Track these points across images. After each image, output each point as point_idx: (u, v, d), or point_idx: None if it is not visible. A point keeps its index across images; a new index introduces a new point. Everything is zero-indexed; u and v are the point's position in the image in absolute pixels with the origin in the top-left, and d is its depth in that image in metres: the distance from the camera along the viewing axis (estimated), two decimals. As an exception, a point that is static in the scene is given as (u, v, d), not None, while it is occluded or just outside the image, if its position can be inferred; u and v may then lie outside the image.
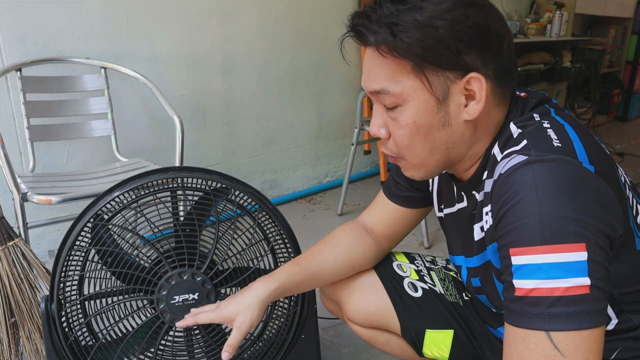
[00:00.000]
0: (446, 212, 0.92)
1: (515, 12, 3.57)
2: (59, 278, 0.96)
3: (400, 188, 0.99)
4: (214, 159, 2.31)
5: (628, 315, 0.74)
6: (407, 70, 0.69)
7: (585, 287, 0.58)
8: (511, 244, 0.62)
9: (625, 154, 3.61)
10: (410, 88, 0.69)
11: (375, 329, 1.04)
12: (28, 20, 1.70)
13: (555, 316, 0.58)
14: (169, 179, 0.99)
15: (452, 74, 0.68)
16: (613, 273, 0.67)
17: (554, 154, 0.63)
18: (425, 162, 0.75)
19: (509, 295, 0.63)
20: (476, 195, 0.79)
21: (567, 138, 0.67)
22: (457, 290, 1.04)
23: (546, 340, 0.59)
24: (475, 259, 0.83)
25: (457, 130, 0.72)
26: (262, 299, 0.88)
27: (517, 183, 0.62)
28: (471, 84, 0.68)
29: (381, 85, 0.71)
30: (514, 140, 0.69)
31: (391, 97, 0.71)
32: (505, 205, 0.63)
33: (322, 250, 0.99)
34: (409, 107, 0.70)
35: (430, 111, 0.70)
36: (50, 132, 1.72)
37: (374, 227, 1.03)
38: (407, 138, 0.72)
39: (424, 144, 0.72)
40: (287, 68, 2.44)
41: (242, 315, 0.87)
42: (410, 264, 1.08)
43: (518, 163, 0.64)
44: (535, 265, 0.59)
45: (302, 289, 0.96)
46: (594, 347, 0.58)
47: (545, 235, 0.59)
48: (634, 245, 0.70)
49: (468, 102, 0.70)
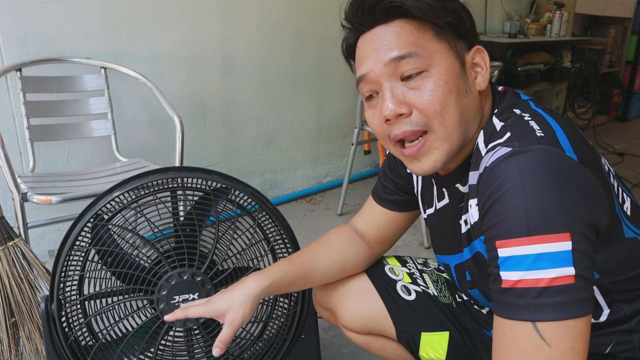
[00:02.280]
0: (428, 213, 0.93)
1: (515, 12, 3.58)
2: (59, 278, 0.96)
3: (388, 192, 0.99)
4: (214, 159, 2.31)
5: (619, 305, 0.74)
6: (428, 36, 0.71)
7: (570, 277, 0.58)
8: (497, 237, 0.62)
9: (625, 154, 3.61)
10: (437, 52, 0.72)
11: (370, 334, 1.03)
12: (28, 20, 1.70)
13: (541, 307, 0.59)
14: (169, 179, 0.99)
15: (464, 44, 0.74)
16: (603, 261, 0.68)
17: (537, 144, 0.63)
18: (453, 132, 0.72)
19: (496, 287, 0.63)
20: (460, 189, 0.79)
21: (549, 128, 0.67)
22: (450, 291, 1.04)
23: (532, 331, 0.59)
24: (465, 253, 0.83)
25: (475, 100, 0.75)
26: (255, 295, 0.87)
27: (502, 175, 0.63)
28: (476, 57, 0.75)
29: (407, 50, 0.70)
30: (498, 133, 0.70)
31: (418, 60, 0.70)
32: (490, 198, 0.64)
33: (315, 249, 0.99)
34: (438, 69, 0.71)
35: (456, 75, 0.72)
36: (50, 132, 1.72)
37: (365, 231, 1.03)
38: (440, 100, 0.70)
39: (456, 108, 0.71)
40: (287, 68, 2.44)
41: (233, 310, 0.85)
42: (402, 267, 1.07)
43: (503, 155, 0.64)
44: (521, 256, 0.60)
45: (294, 287, 0.95)
46: (579, 336, 0.59)
47: (531, 226, 0.59)
48: (621, 233, 0.70)
49: (476, 74, 0.75)
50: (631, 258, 0.72)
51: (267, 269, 0.93)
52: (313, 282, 0.98)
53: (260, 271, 0.92)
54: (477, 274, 0.83)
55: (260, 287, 0.88)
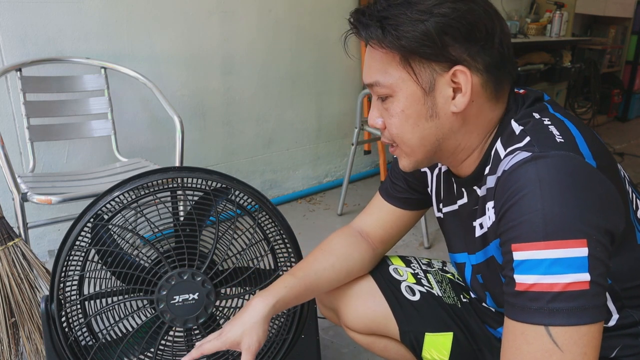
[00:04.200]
0: (446, 211, 0.92)
1: (515, 12, 3.58)
2: (59, 278, 0.96)
3: (398, 190, 0.99)
4: (214, 159, 2.31)
5: (629, 310, 0.74)
6: (396, 62, 0.72)
7: (585, 283, 0.58)
8: (513, 240, 0.63)
9: (625, 154, 3.61)
10: (399, 79, 0.72)
11: (373, 335, 1.03)
12: (28, 20, 1.70)
13: (555, 311, 0.59)
14: (169, 179, 0.99)
15: (438, 66, 0.70)
16: (615, 268, 0.68)
17: (557, 150, 0.63)
18: (415, 151, 0.77)
19: (509, 290, 0.63)
20: (477, 191, 0.79)
21: (569, 134, 0.67)
22: (454, 292, 1.04)
23: (545, 335, 0.59)
24: (478, 255, 0.83)
25: (445, 122, 0.74)
26: (264, 316, 0.87)
27: (521, 179, 0.63)
28: (457, 77, 0.70)
29: (374, 78, 0.74)
30: (517, 137, 0.70)
31: (382, 88, 0.74)
32: (508, 202, 0.64)
33: (318, 259, 0.97)
34: (398, 97, 0.73)
35: (417, 101, 0.72)
36: (50, 132, 1.72)
37: (370, 230, 1.02)
38: (397, 127, 0.75)
39: (413, 133, 0.75)
40: (287, 68, 2.44)
41: (247, 336, 0.85)
42: (407, 267, 1.07)
43: (522, 159, 0.64)
44: (537, 260, 0.60)
45: (301, 299, 0.95)
46: (592, 342, 0.59)
47: (548, 231, 0.59)
48: (635, 240, 0.70)
49: (455, 94, 0.72)
50: None
51: (272, 287, 0.92)
52: (319, 291, 0.97)
53: (265, 290, 0.91)
54: (489, 278, 0.83)
55: (267, 306, 0.87)
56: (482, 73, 0.71)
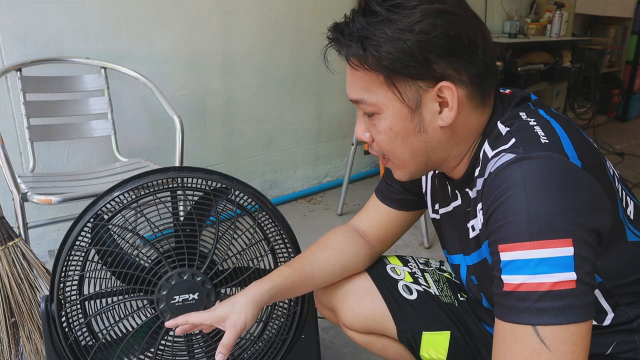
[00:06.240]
0: (442, 212, 0.93)
1: (515, 12, 3.58)
2: (59, 278, 0.96)
3: (393, 191, 0.99)
4: (214, 159, 2.31)
5: (623, 308, 0.74)
6: (380, 81, 0.71)
7: (572, 282, 0.59)
8: (500, 241, 0.63)
9: (625, 154, 3.61)
10: (384, 98, 0.72)
11: (371, 334, 1.03)
12: (28, 20, 1.70)
13: (542, 311, 0.59)
14: (169, 179, 0.99)
15: (423, 83, 0.70)
16: (606, 265, 0.68)
17: (542, 151, 0.64)
18: (406, 164, 0.78)
19: (498, 290, 0.64)
20: (469, 193, 0.80)
21: (554, 134, 0.67)
22: (451, 291, 1.04)
23: (533, 335, 0.60)
24: (473, 257, 0.84)
25: (433, 136, 0.74)
26: (255, 299, 0.87)
27: (506, 181, 0.64)
28: (443, 92, 0.70)
29: (359, 96, 0.75)
30: (503, 139, 0.70)
31: (368, 106, 0.74)
32: (494, 203, 0.65)
33: (314, 252, 0.99)
34: (385, 115, 0.73)
35: (404, 119, 0.73)
36: (50, 132, 1.72)
37: (367, 230, 1.03)
38: (386, 143, 0.76)
39: (403, 148, 0.76)
40: (287, 68, 2.44)
41: (235, 314, 0.85)
42: (404, 266, 1.07)
43: (507, 161, 0.65)
44: (523, 260, 0.61)
45: (296, 291, 0.95)
46: (580, 341, 0.59)
47: (533, 231, 0.60)
48: (624, 237, 0.71)
49: (442, 108, 0.72)
50: (634, 262, 0.72)
51: (267, 275, 0.93)
52: (315, 284, 0.98)
53: (261, 278, 0.92)
54: (484, 279, 0.83)
55: (260, 291, 0.88)
56: (467, 85, 0.71)
